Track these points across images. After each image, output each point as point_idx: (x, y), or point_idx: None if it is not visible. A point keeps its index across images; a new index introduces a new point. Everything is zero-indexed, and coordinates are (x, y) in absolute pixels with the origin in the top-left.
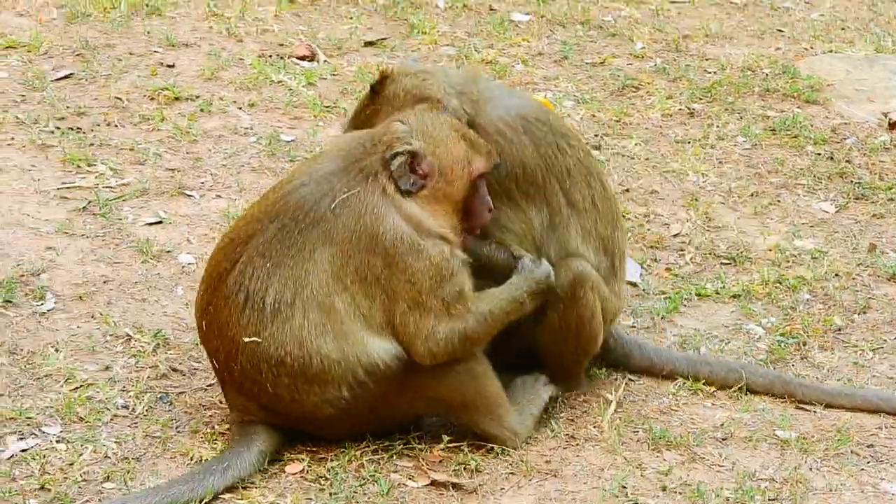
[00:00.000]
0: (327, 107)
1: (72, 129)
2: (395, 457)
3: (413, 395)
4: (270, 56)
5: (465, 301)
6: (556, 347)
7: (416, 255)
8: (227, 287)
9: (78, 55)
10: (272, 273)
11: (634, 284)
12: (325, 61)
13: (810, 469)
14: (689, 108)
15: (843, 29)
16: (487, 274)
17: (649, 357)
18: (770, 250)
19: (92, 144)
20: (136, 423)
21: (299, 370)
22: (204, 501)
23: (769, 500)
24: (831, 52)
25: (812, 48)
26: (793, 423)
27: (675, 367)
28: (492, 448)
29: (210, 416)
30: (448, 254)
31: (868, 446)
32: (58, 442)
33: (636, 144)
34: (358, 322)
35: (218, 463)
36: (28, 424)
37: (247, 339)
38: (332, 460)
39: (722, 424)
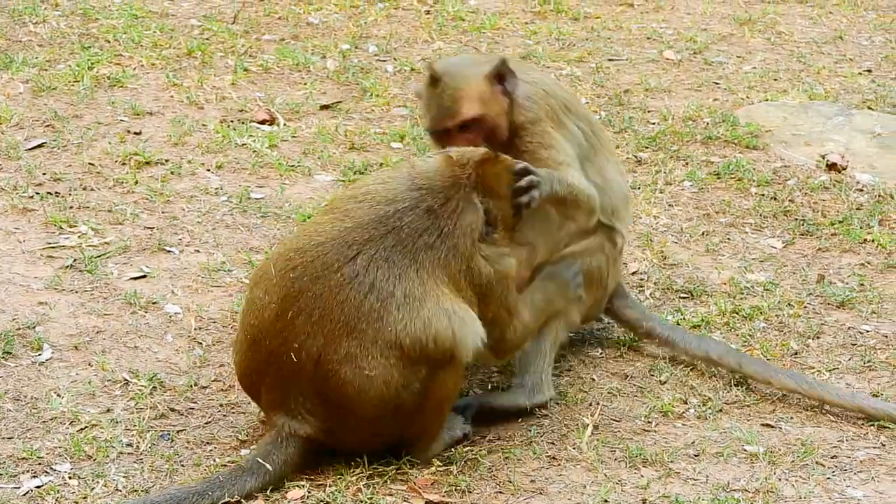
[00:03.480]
0: (292, 166)
1: (50, 193)
2: (388, 481)
3: (437, 395)
4: (232, 121)
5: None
6: None
7: (499, 280)
8: (343, 275)
9: (48, 125)
10: (399, 275)
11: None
12: (284, 124)
13: (779, 479)
14: (636, 157)
15: (775, 80)
16: None
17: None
18: (724, 284)
19: (71, 207)
20: (141, 460)
21: (410, 352)
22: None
23: None
24: (767, 100)
25: (748, 98)
26: (760, 439)
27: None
28: (478, 469)
29: (210, 450)
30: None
31: (832, 457)
32: (70, 478)
33: None
34: (472, 317)
35: (252, 465)
36: (39, 463)
37: None
38: (330, 486)
39: (693, 442)
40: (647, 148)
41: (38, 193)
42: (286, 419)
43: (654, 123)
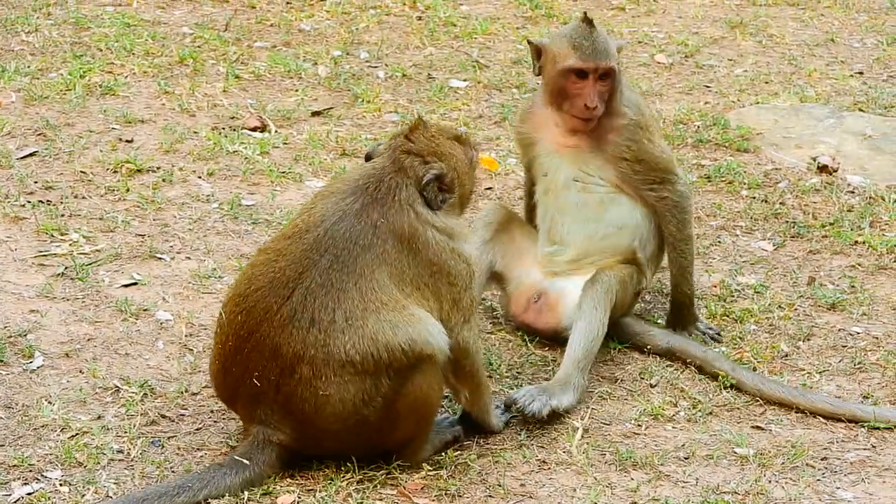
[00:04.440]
0: (283, 173)
1: (42, 202)
2: (378, 486)
3: (413, 399)
4: (223, 129)
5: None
6: None
7: (455, 259)
8: (283, 316)
9: (40, 134)
10: (338, 297)
11: None
12: (276, 131)
13: (769, 482)
14: None
15: (766, 83)
16: None
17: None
18: (715, 287)
19: (63, 215)
20: (132, 466)
21: (365, 365)
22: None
23: None
24: (758, 103)
25: (739, 101)
26: (750, 441)
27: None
28: (468, 473)
29: (201, 456)
30: (474, 254)
31: (822, 459)
32: (60, 485)
33: None
34: (424, 313)
35: (230, 463)
36: (30, 470)
37: None
38: (320, 491)
39: (683, 445)
40: None
41: (29, 202)
42: (261, 427)
43: None
